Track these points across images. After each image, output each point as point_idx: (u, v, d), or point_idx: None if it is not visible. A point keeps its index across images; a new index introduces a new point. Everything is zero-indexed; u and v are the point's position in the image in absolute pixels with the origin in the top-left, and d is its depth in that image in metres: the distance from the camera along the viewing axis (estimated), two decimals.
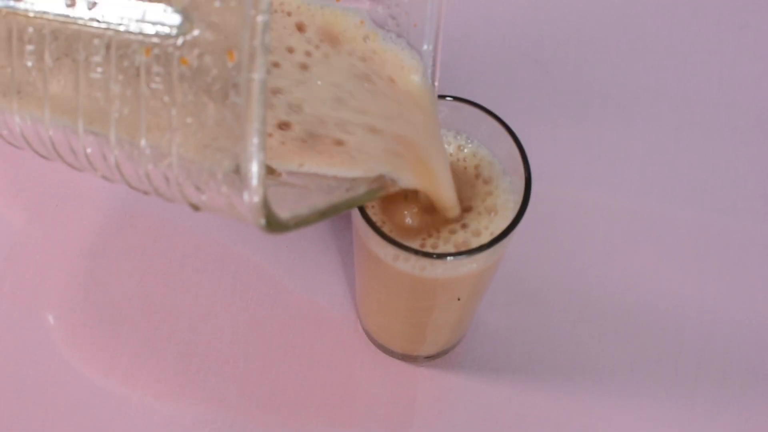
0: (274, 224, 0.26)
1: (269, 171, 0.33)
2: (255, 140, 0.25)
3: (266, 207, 0.26)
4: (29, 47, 0.31)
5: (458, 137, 0.39)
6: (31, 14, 0.30)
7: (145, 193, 0.31)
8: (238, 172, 0.26)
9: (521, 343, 0.48)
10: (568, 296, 0.49)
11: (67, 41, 0.30)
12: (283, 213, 0.27)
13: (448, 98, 0.38)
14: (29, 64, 0.31)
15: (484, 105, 0.38)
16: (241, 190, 0.26)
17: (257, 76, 0.25)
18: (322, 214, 0.29)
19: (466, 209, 0.38)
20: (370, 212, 0.37)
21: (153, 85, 0.28)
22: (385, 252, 0.35)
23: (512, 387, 0.47)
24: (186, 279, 0.50)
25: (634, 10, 0.60)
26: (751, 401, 0.47)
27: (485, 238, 0.37)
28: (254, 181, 0.26)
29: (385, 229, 0.37)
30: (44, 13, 0.30)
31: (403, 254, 0.35)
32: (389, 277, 0.38)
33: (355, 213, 0.36)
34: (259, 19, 0.24)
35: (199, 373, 0.47)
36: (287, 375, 0.47)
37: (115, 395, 0.46)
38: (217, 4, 0.26)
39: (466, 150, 0.39)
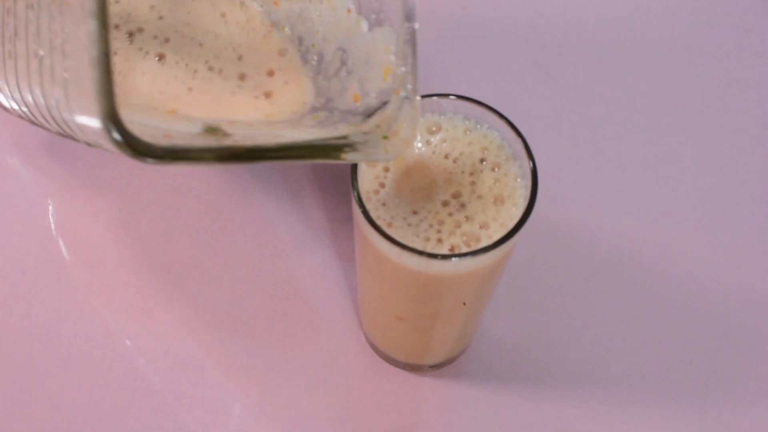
0: (130, 143, 0.26)
1: (214, 131, 0.32)
2: (94, 54, 0.26)
3: (113, 123, 0.26)
4: None
5: (466, 121, 0.38)
6: None
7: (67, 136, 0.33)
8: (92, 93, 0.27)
9: (527, 352, 0.47)
10: (574, 304, 0.49)
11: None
12: (153, 141, 0.27)
13: (451, 97, 0.38)
14: None
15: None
16: (93, 108, 0.27)
17: None
18: (216, 153, 0.29)
19: (455, 195, 0.37)
20: (370, 207, 0.36)
21: (51, 26, 0.30)
22: (389, 249, 0.35)
23: (518, 397, 0.46)
24: (184, 289, 0.49)
25: (638, 13, 0.60)
26: (763, 410, 0.46)
27: (494, 230, 0.36)
28: (98, 99, 0.26)
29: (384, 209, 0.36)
30: None
31: (406, 252, 0.34)
32: (392, 277, 0.37)
33: (357, 212, 0.36)
34: None
35: (199, 386, 0.46)
36: (290, 386, 0.46)
37: (110, 407, 0.45)
38: None
39: (472, 133, 0.38)
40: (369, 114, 0.35)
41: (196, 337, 0.47)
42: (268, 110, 0.37)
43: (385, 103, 0.35)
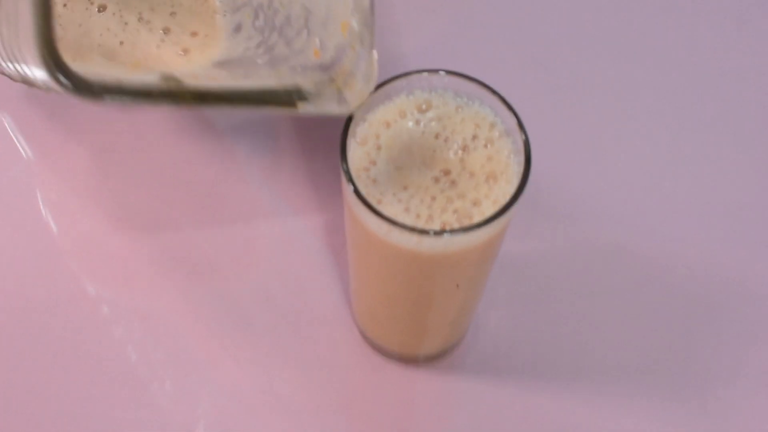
0: (69, 77, 0.26)
1: (169, 80, 0.32)
2: None
3: (51, 57, 0.26)
4: None
5: (458, 98, 0.38)
6: None
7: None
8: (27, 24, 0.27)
9: (523, 345, 0.47)
10: (570, 295, 0.48)
11: None
12: (91, 76, 0.27)
13: (441, 72, 0.37)
14: None
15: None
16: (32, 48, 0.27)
17: None
18: (160, 94, 0.29)
19: (446, 171, 0.36)
20: (360, 185, 0.35)
21: None
22: (378, 225, 0.34)
23: (515, 389, 0.45)
24: (176, 283, 0.48)
25: (637, 10, 0.60)
26: (762, 403, 0.45)
27: (486, 207, 0.35)
28: (35, 35, 0.26)
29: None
30: None
31: (396, 229, 0.34)
32: (383, 256, 0.36)
33: (347, 190, 0.35)
34: None
35: (191, 378, 0.45)
36: (281, 381, 0.45)
37: (105, 399, 0.45)
38: None
39: (464, 110, 0.38)
40: (326, 68, 0.35)
41: (186, 331, 0.47)
42: (187, 66, 0.38)
43: (342, 58, 0.35)
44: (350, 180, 0.34)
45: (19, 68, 0.32)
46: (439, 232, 0.34)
